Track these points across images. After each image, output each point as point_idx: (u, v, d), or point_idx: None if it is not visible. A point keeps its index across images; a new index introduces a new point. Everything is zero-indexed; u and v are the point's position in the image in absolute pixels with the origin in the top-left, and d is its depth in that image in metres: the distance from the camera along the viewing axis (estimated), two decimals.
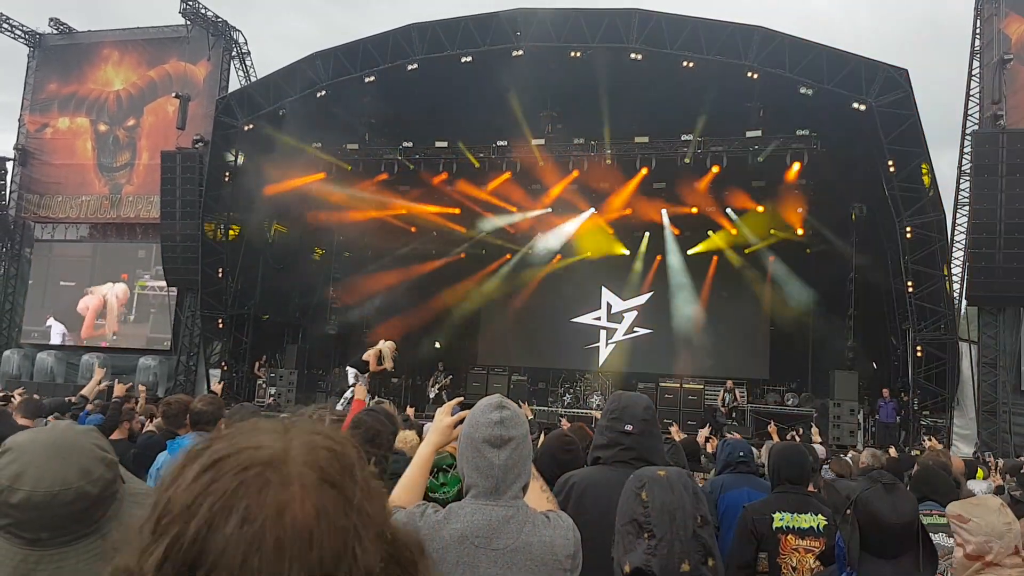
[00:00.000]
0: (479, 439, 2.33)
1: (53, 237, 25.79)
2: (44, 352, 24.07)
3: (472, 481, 2.32)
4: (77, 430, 1.49)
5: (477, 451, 2.32)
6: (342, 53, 18.87)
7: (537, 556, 2.24)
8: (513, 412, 2.40)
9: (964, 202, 17.78)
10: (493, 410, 2.38)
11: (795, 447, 4.83)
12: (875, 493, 2.40)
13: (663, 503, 2.07)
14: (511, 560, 2.21)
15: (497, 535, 2.23)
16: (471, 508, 2.28)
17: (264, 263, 21.77)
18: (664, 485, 2.12)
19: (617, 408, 3.37)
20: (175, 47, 24.70)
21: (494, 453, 2.31)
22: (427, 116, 19.62)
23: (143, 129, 24.91)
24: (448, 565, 2.18)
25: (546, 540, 2.28)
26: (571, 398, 21.63)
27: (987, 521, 2.51)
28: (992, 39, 18.19)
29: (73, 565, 1.31)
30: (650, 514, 2.07)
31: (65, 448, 1.37)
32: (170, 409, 5.49)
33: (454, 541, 2.21)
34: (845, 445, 16.50)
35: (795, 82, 16.21)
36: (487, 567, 2.19)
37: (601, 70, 17.27)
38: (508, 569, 2.20)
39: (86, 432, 1.48)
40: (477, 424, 2.36)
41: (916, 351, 17.13)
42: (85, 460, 1.37)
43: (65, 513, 1.32)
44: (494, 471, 2.29)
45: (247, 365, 21.69)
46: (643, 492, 2.11)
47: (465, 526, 2.23)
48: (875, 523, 2.33)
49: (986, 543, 2.47)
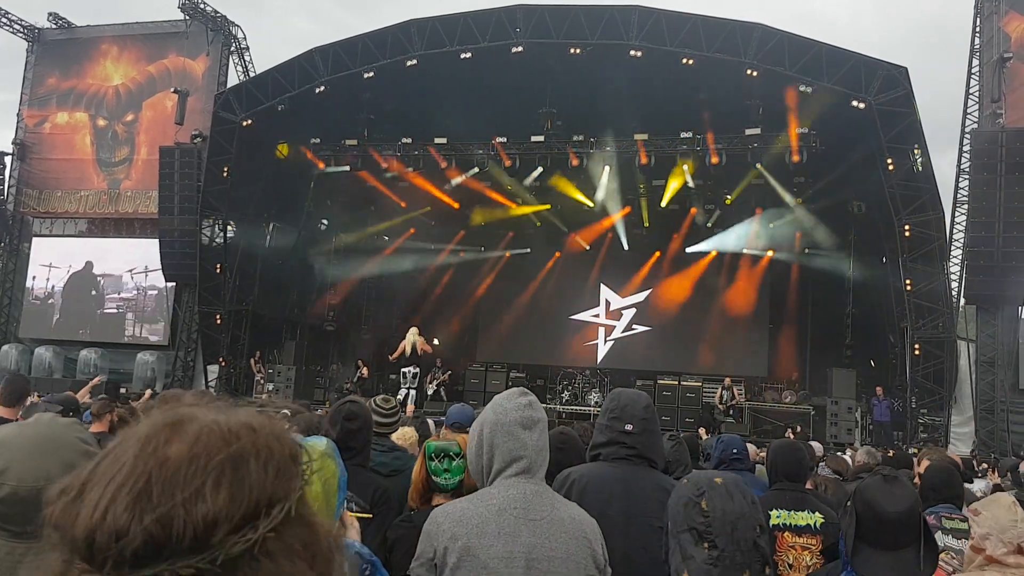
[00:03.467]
0: (511, 422, 2.42)
1: (51, 232, 25.76)
2: (42, 347, 24.04)
3: (504, 464, 2.40)
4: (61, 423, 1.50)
5: (510, 434, 2.41)
6: (341, 48, 18.83)
7: (570, 530, 2.34)
8: (535, 398, 2.55)
9: (963, 200, 17.78)
10: (519, 396, 2.51)
11: (793, 444, 4.84)
12: (874, 483, 2.42)
13: (724, 512, 2.05)
14: (549, 531, 2.30)
15: (533, 507, 2.33)
16: (505, 484, 2.37)
17: (263, 259, 21.76)
18: (724, 494, 2.10)
19: (616, 407, 3.36)
20: (174, 42, 24.65)
21: (527, 434, 2.42)
22: (426, 112, 19.60)
23: (142, 124, 24.86)
24: (489, 537, 2.26)
25: (576, 518, 2.41)
26: (569, 395, 21.64)
27: (995, 515, 2.52)
28: (992, 37, 18.19)
29: None
30: (711, 523, 2.05)
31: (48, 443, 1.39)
32: None
33: (493, 513, 2.30)
34: (843, 443, 16.53)
35: (795, 80, 16.22)
36: (528, 536, 2.28)
37: (601, 67, 17.28)
38: (547, 539, 2.29)
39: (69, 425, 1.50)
40: (507, 410, 2.45)
41: (914, 349, 17.14)
42: (68, 454, 1.38)
43: None
44: (528, 451, 2.40)
45: (245, 361, 21.69)
46: (703, 501, 2.09)
47: (502, 500, 2.32)
48: (872, 513, 2.33)
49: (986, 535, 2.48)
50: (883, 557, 2.30)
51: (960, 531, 4.03)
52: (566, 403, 20.97)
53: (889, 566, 2.28)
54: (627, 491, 3.19)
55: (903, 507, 2.34)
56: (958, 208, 18.05)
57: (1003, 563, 2.46)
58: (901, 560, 2.29)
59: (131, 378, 22.44)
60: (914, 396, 17.30)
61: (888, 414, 17.59)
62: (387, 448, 4.62)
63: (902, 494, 2.37)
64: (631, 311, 23.58)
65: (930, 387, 17.21)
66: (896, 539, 2.31)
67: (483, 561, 2.23)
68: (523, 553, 2.25)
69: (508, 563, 2.23)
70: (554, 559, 2.28)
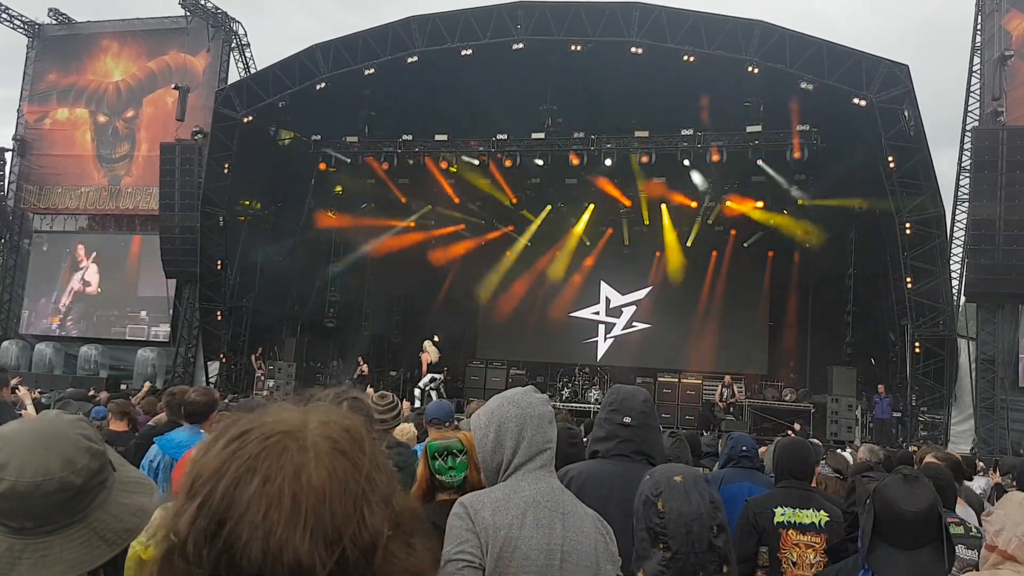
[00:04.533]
0: (538, 416, 2.45)
1: (52, 228, 25.74)
2: (43, 343, 24.04)
3: (528, 456, 2.41)
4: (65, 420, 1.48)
5: (539, 428, 2.43)
6: (342, 45, 18.82)
7: (591, 525, 2.37)
8: None
9: (964, 198, 17.77)
10: (534, 392, 2.53)
11: (800, 442, 4.84)
12: (893, 482, 2.43)
13: (680, 514, 2.01)
14: (578, 525, 2.34)
15: (561, 501, 2.37)
16: (532, 478, 2.39)
17: (263, 255, 21.74)
18: (681, 493, 2.05)
19: (615, 401, 3.38)
20: (175, 38, 24.63)
21: (551, 428, 2.46)
22: (427, 109, 19.57)
23: (142, 120, 24.85)
24: (528, 528, 2.28)
25: (592, 514, 2.42)
26: (569, 392, 21.64)
27: (1007, 512, 2.53)
28: (993, 35, 18.18)
29: (58, 554, 1.31)
30: (667, 525, 2.01)
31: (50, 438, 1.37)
32: (173, 400, 5.48)
33: (530, 505, 2.32)
34: (843, 441, 16.53)
35: (796, 77, 16.21)
36: (561, 529, 2.30)
37: (602, 64, 17.27)
38: (577, 532, 2.32)
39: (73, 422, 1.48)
40: (532, 403, 2.47)
41: (914, 347, 17.14)
42: (70, 450, 1.36)
43: (49, 503, 1.31)
44: (551, 444, 2.44)
45: (246, 357, 21.69)
46: (660, 501, 2.05)
47: (534, 492, 2.34)
48: (891, 512, 2.34)
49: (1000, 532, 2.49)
50: (900, 556, 2.31)
51: (956, 536, 4.01)
52: (566, 400, 20.96)
53: (906, 565, 2.28)
54: (626, 489, 3.19)
55: (922, 507, 2.34)
56: (959, 206, 18.06)
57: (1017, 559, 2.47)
58: (918, 560, 2.29)
59: (132, 375, 22.45)
60: (914, 394, 17.32)
61: (889, 412, 17.60)
62: (389, 444, 4.62)
63: (922, 494, 2.37)
64: (631, 308, 23.58)
65: (930, 385, 17.23)
66: (915, 539, 2.32)
67: (524, 552, 2.25)
68: (559, 546, 2.28)
69: (548, 555, 2.26)
70: (583, 552, 2.31)
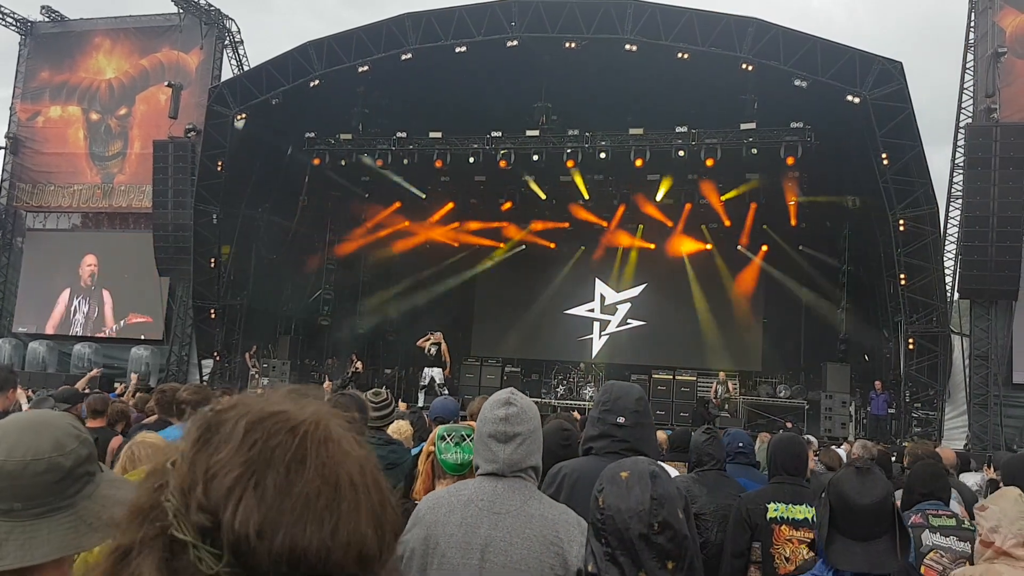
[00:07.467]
0: (485, 434, 2.45)
1: (45, 226, 25.65)
2: (36, 341, 23.96)
3: (479, 464, 2.49)
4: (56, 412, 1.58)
5: (484, 444, 2.46)
6: (335, 42, 18.75)
7: (536, 528, 2.33)
8: (521, 408, 2.48)
9: (957, 195, 17.80)
10: (500, 407, 2.48)
11: (793, 438, 4.83)
12: (846, 475, 2.46)
13: (617, 510, 1.95)
14: (510, 525, 2.32)
15: (500, 501, 2.37)
16: (480, 479, 2.45)
17: (257, 253, 21.71)
18: (622, 489, 1.97)
19: (609, 399, 3.34)
20: (167, 35, 24.52)
21: (500, 448, 2.43)
22: (421, 106, 19.54)
23: (135, 118, 24.75)
24: (452, 526, 2.33)
25: (549, 517, 2.37)
26: (564, 389, 21.66)
27: (1001, 508, 2.54)
28: (986, 32, 18.18)
29: (45, 536, 1.33)
30: (604, 521, 1.97)
31: (40, 424, 1.42)
32: (164, 397, 5.46)
33: (460, 504, 2.37)
34: (837, 437, 16.58)
35: (790, 74, 16.22)
36: (487, 529, 2.31)
37: (596, 61, 17.25)
38: (508, 533, 2.31)
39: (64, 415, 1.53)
40: (484, 419, 2.48)
41: (908, 344, 17.18)
42: (59, 434, 1.40)
43: (37, 483, 1.34)
44: (499, 463, 2.43)
45: (239, 355, 21.64)
46: (601, 497, 2.01)
47: (472, 492, 2.40)
48: (845, 504, 2.37)
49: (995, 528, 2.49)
50: (856, 547, 2.34)
51: (947, 528, 3.99)
52: (561, 397, 20.98)
53: (862, 556, 2.31)
54: None
55: (875, 498, 2.37)
56: (952, 203, 18.08)
57: (1012, 555, 2.47)
58: (873, 550, 2.32)
59: (125, 373, 22.36)
60: (908, 390, 17.36)
61: (886, 408, 17.65)
62: (383, 441, 4.62)
63: (874, 485, 2.39)
64: (626, 306, 23.59)
65: (924, 381, 17.27)
66: (869, 530, 2.35)
67: (443, 549, 2.31)
68: (480, 544, 2.30)
69: (465, 553, 2.29)
70: (511, 552, 2.29)
